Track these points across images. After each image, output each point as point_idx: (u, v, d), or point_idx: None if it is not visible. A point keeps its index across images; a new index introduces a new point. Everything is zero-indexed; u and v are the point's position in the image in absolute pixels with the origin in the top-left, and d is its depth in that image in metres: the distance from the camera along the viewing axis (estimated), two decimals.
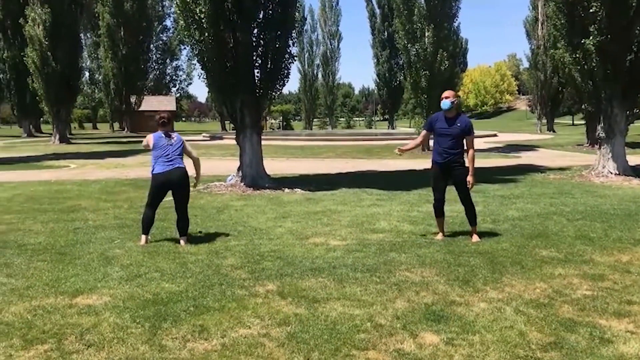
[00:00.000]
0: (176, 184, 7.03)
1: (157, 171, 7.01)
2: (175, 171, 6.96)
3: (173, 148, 7.01)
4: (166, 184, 7.02)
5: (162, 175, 6.97)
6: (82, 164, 20.07)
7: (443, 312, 4.60)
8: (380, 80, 55.69)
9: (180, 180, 7.03)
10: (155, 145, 7.02)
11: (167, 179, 6.96)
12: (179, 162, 7.01)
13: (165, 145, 7.01)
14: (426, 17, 21.62)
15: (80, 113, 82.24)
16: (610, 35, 13.09)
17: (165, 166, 6.96)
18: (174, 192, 7.12)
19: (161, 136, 7.07)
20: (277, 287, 5.25)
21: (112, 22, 49.88)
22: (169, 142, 7.03)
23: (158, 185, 7.05)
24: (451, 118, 7.09)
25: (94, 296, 5.03)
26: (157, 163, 7.00)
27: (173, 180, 6.98)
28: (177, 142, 7.08)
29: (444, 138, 7.06)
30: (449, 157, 7.06)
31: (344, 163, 20.02)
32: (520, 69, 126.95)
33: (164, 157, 6.97)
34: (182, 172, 7.03)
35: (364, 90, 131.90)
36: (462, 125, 7.07)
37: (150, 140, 7.09)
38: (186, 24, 11.44)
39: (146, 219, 7.11)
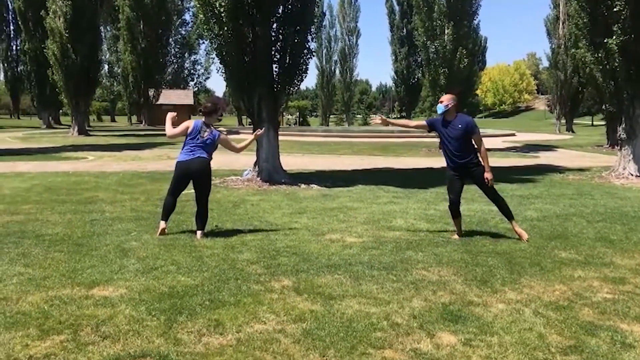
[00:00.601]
0: (195, 174, 7.04)
1: (179, 159, 7.08)
2: (195, 161, 6.96)
3: (202, 140, 7.00)
4: (186, 173, 7.05)
5: (183, 164, 7.01)
6: (100, 156, 20.21)
7: (461, 312, 4.54)
8: (398, 77, 55.64)
9: (200, 170, 7.01)
10: (190, 132, 7.04)
11: (187, 168, 7.00)
12: (200, 152, 6.99)
13: (196, 135, 7.01)
14: (446, 15, 21.48)
15: (99, 106, 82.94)
16: (634, 35, 12.89)
17: (187, 155, 6.99)
18: (194, 183, 7.16)
19: (200, 125, 7.07)
20: (293, 283, 5.22)
21: (132, 15, 50.12)
22: (202, 133, 7.02)
23: (179, 174, 7.10)
24: (451, 121, 7.01)
25: (110, 288, 5.04)
26: (182, 151, 7.06)
27: (192, 170, 7.00)
28: (209, 137, 7.04)
29: (449, 141, 7.00)
30: (462, 159, 6.97)
31: (360, 160, 19.95)
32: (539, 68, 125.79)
33: (189, 145, 7.02)
34: (202, 163, 6.99)
35: (381, 87, 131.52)
36: (464, 125, 6.96)
37: (190, 124, 7.10)
38: (205, 17, 11.45)
39: (166, 204, 7.17)
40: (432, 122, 7.32)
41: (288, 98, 13.26)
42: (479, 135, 7.09)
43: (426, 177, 14.53)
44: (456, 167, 7.03)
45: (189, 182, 7.20)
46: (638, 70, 13.26)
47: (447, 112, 7.04)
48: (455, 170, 7.07)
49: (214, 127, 7.25)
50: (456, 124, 6.97)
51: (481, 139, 7.11)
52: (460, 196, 7.26)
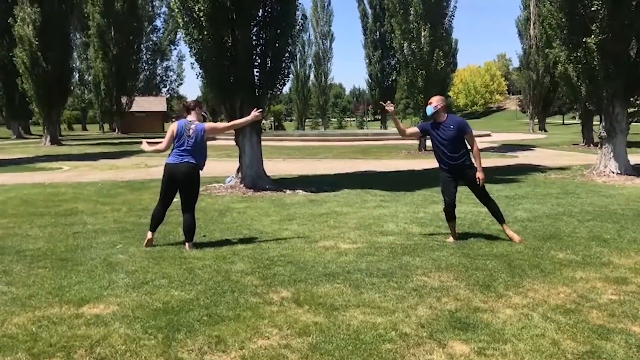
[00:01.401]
0: (181, 180, 6.71)
1: (167, 161, 6.77)
2: (181, 165, 6.65)
3: (189, 139, 6.68)
4: (172, 177, 6.73)
5: (172, 166, 6.70)
6: (75, 165, 19.74)
7: (469, 320, 4.41)
8: (372, 80, 55.57)
9: (186, 176, 6.69)
10: (176, 135, 6.73)
11: (173, 171, 6.69)
12: (190, 157, 6.67)
13: (182, 135, 6.70)
14: (422, 17, 21.47)
15: (70, 114, 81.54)
16: (612, 34, 12.99)
17: (176, 158, 6.69)
18: (180, 189, 6.82)
19: (184, 123, 6.78)
20: (292, 294, 5.03)
21: (103, 22, 49.40)
22: (188, 131, 6.71)
23: (166, 177, 6.78)
24: (442, 122, 6.91)
25: (100, 305, 4.79)
26: (171, 154, 6.76)
27: (178, 175, 6.68)
28: (195, 133, 6.70)
29: (441, 143, 6.89)
30: (453, 162, 6.88)
31: (341, 163, 19.83)
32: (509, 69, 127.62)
33: (178, 149, 6.71)
34: (189, 168, 6.68)
35: (354, 91, 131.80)
36: (456, 125, 6.89)
37: (174, 126, 6.81)
38: (184, 22, 11.21)
39: (155, 215, 6.90)
40: (422, 127, 7.23)
41: (270, 103, 13.04)
42: (472, 134, 7.02)
43: (410, 179, 14.46)
44: (450, 169, 6.93)
45: (177, 188, 6.84)
46: (617, 69, 13.37)
47: (436, 114, 6.94)
48: (449, 172, 6.96)
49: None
50: (448, 124, 6.88)
51: (474, 138, 7.03)
52: (455, 198, 7.14)
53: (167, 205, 6.94)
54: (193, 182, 6.84)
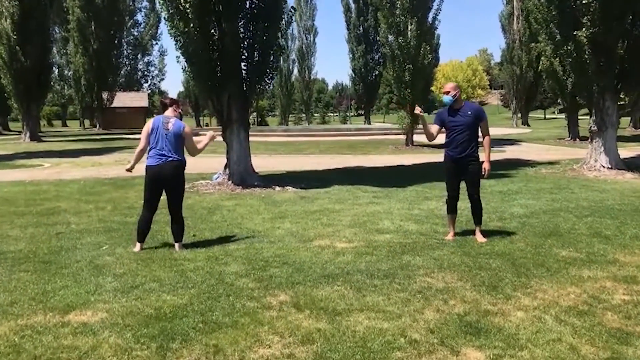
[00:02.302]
0: (168, 181, 6.36)
1: (148, 163, 6.35)
2: (166, 166, 6.28)
3: (168, 135, 6.30)
4: (158, 179, 6.34)
5: (154, 168, 6.30)
6: (57, 162, 19.26)
7: (480, 324, 4.19)
8: (356, 75, 55.26)
9: (172, 176, 6.34)
10: (151, 132, 6.35)
11: (158, 173, 6.29)
12: (171, 153, 6.30)
13: (159, 132, 6.32)
14: (409, 10, 21.24)
15: (49, 110, 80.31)
16: (603, 27, 12.87)
17: (157, 159, 6.29)
18: (166, 190, 6.47)
19: (161, 120, 6.39)
20: (291, 298, 4.78)
21: (83, 16, 48.53)
22: (166, 126, 6.33)
23: (150, 180, 6.38)
24: (459, 109, 6.73)
25: (88, 312, 4.50)
26: (150, 154, 6.35)
27: (164, 177, 6.32)
28: (174, 129, 6.34)
29: (457, 130, 6.67)
30: (466, 151, 6.67)
31: (329, 159, 19.57)
32: (491, 64, 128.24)
33: (156, 147, 6.31)
34: (174, 166, 6.32)
35: (337, 86, 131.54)
36: (474, 112, 6.73)
37: (149, 124, 6.42)
38: (170, 14, 10.85)
39: (142, 223, 6.49)
40: (439, 119, 6.90)
41: (258, 97, 12.73)
42: (487, 122, 6.85)
43: (400, 175, 14.27)
44: (457, 158, 6.73)
45: (163, 189, 6.50)
46: (608, 63, 13.26)
47: (455, 101, 6.73)
48: (455, 162, 6.76)
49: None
50: (465, 111, 6.71)
51: (488, 127, 6.86)
52: (459, 190, 6.94)
53: (154, 209, 6.55)
54: (180, 182, 6.52)
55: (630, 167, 13.90)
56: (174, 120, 6.42)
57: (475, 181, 6.82)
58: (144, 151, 6.48)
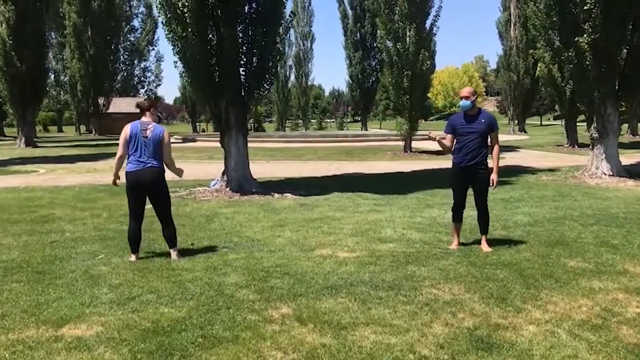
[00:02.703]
0: (148, 187, 6.15)
1: (127, 169, 6.14)
2: (145, 172, 6.07)
3: (147, 141, 6.10)
4: (138, 185, 6.12)
5: (133, 174, 6.09)
6: (52, 168, 19.04)
7: (491, 339, 4.02)
8: (353, 81, 55.22)
9: (152, 182, 6.12)
10: (130, 138, 6.14)
11: (138, 179, 6.08)
12: (150, 160, 6.10)
13: (137, 138, 6.11)
14: (408, 17, 21.14)
15: (45, 116, 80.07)
16: (605, 33, 12.77)
17: (136, 164, 6.08)
18: (150, 198, 6.27)
19: (138, 125, 6.17)
20: (294, 311, 4.60)
21: (79, 21, 48.35)
22: (145, 132, 6.12)
23: (130, 187, 6.18)
24: (473, 115, 6.59)
25: (82, 325, 4.32)
26: (129, 160, 6.15)
27: (143, 182, 6.10)
28: (153, 133, 6.14)
29: (469, 138, 6.52)
30: (475, 158, 6.52)
31: (327, 165, 19.40)
32: (487, 71, 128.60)
33: (134, 153, 6.11)
34: (154, 173, 6.10)
35: (334, 92, 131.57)
36: (487, 120, 6.59)
37: (126, 130, 6.19)
38: (167, 19, 10.69)
39: (131, 234, 6.29)
40: (451, 128, 6.72)
41: (257, 103, 12.57)
42: (497, 132, 6.72)
43: (400, 182, 14.12)
44: (466, 166, 6.57)
45: (145, 196, 6.28)
46: (609, 69, 13.15)
47: (471, 107, 6.60)
48: (463, 170, 6.61)
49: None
50: (480, 118, 6.58)
51: (498, 137, 6.75)
52: (466, 198, 6.79)
53: (141, 217, 6.33)
54: (161, 188, 6.28)
55: (631, 174, 13.78)
56: (153, 126, 6.22)
57: (484, 189, 6.66)
58: (123, 158, 6.28)
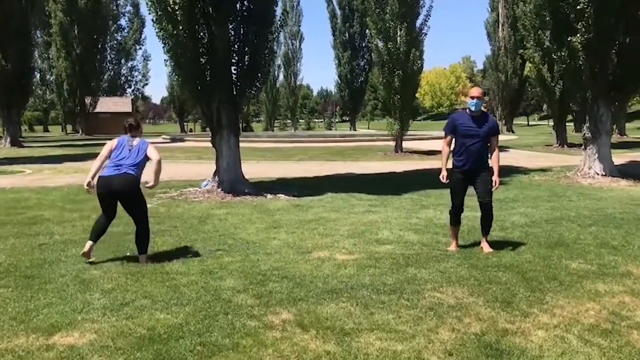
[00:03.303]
0: (118, 193, 6.04)
1: (100, 174, 6.06)
2: (118, 178, 5.97)
3: (130, 155, 6.09)
4: (107, 191, 6.03)
5: (103, 179, 6.00)
6: (38, 169, 18.72)
7: (500, 345, 3.90)
8: (342, 81, 55.18)
9: (123, 188, 6.00)
10: (116, 147, 6.15)
11: (107, 185, 5.99)
12: (128, 168, 6.02)
13: (123, 148, 6.14)
14: (398, 16, 21.05)
15: (31, 115, 79.22)
16: (597, 33, 12.74)
17: (111, 170, 6.01)
18: (122, 204, 6.18)
19: (124, 139, 6.22)
20: (294, 316, 4.45)
21: (65, 20, 47.79)
22: (129, 146, 6.13)
23: (99, 192, 6.08)
24: (478, 117, 6.44)
25: (75, 333, 4.14)
26: (107, 166, 6.08)
27: (113, 188, 5.99)
28: (136, 150, 6.12)
29: (471, 140, 6.38)
30: (478, 162, 6.41)
31: (318, 165, 19.24)
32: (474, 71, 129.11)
33: (115, 160, 6.07)
34: (126, 180, 5.99)
35: (322, 92, 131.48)
36: (491, 124, 6.49)
37: (113, 142, 6.20)
38: (158, 16, 10.49)
39: (98, 223, 6.24)
40: (451, 127, 6.56)
41: (249, 102, 12.38)
42: (498, 136, 6.62)
43: (393, 182, 14.01)
44: (468, 168, 6.44)
45: (116, 201, 6.17)
46: (602, 69, 13.12)
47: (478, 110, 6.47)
48: (464, 172, 6.48)
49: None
50: (483, 121, 6.44)
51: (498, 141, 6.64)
52: (464, 201, 6.66)
53: (111, 218, 6.29)
54: (135, 196, 6.14)
55: (623, 174, 13.77)
56: (138, 140, 6.25)
57: (488, 188, 6.49)
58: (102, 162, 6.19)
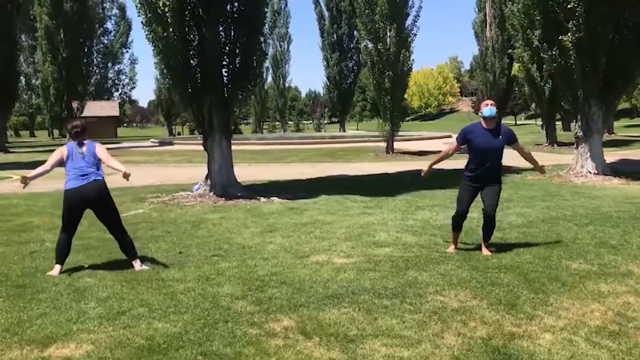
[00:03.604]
0: (93, 201, 5.95)
1: (68, 187, 5.92)
2: (90, 186, 5.87)
3: (86, 158, 5.95)
4: (81, 202, 5.93)
5: (75, 191, 5.87)
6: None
7: (508, 349, 3.83)
8: (330, 83, 55.03)
9: (97, 195, 5.92)
10: (68, 157, 5.98)
11: (80, 195, 5.87)
12: (95, 174, 5.93)
13: (77, 156, 5.96)
14: (388, 17, 21.02)
15: (16, 120, 78.46)
16: (588, 32, 12.75)
17: (79, 180, 5.88)
18: (96, 212, 6.09)
19: (74, 146, 6.04)
20: (296, 323, 4.35)
21: (51, 23, 47.20)
22: (81, 151, 5.98)
23: (71, 204, 5.95)
24: (493, 130, 6.25)
25: (71, 344, 4.01)
26: (70, 177, 5.94)
27: (89, 197, 5.90)
28: (89, 154, 5.99)
29: (487, 154, 6.22)
30: (490, 176, 6.31)
31: (310, 167, 19.15)
32: (461, 71, 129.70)
33: (76, 169, 5.91)
34: (98, 186, 5.91)
35: (310, 94, 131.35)
36: (507, 133, 6.31)
37: (64, 151, 6.02)
38: (147, 19, 10.35)
39: (60, 246, 6.02)
40: (462, 138, 6.37)
41: (240, 105, 12.27)
42: (518, 142, 6.47)
43: (387, 183, 13.97)
44: (481, 179, 6.32)
45: (82, 213, 6.09)
46: (594, 68, 13.13)
47: (493, 119, 6.26)
48: (476, 182, 6.37)
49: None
50: (498, 132, 6.26)
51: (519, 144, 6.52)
52: (469, 209, 6.58)
53: (73, 232, 6.14)
54: (109, 202, 6.08)
55: (615, 172, 13.80)
56: (86, 143, 6.08)
57: (495, 199, 6.37)
58: (46, 172, 6.10)
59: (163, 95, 66.27)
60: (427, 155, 23.89)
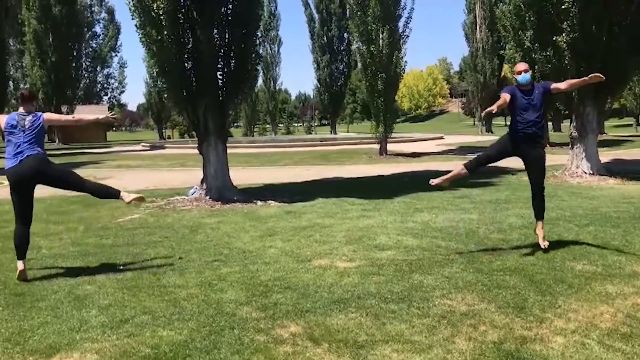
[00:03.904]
0: (35, 177, 5.69)
1: (7, 167, 5.65)
2: (25, 163, 5.60)
3: (25, 133, 5.63)
4: (22, 180, 5.67)
5: (13, 170, 5.62)
6: None
7: (520, 353, 3.78)
8: (321, 85, 54.92)
9: (36, 172, 5.65)
10: (5, 129, 5.66)
11: (19, 175, 5.62)
12: (30, 149, 5.61)
13: (15, 128, 5.65)
14: (380, 19, 21.00)
15: None
16: (583, 32, 12.78)
17: (15, 158, 5.61)
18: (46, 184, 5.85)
19: (14, 117, 5.70)
20: (304, 329, 4.28)
21: (40, 27, 46.99)
22: (23, 122, 5.65)
23: (14, 185, 5.71)
24: (529, 90, 6.38)
25: (75, 354, 3.93)
26: (7, 155, 5.67)
27: (28, 174, 5.63)
28: (33, 122, 5.67)
29: (528, 111, 6.31)
30: (533, 128, 6.33)
31: (305, 170, 19.06)
32: (451, 73, 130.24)
33: (11, 145, 5.65)
34: (37, 160, 5.63)
35: (300, 96, 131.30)
36: (542, 88, 6.41)
37: (1, 120, 5.72)
38: (141, 22, 10.26)
39: (18, 239, 5.83)
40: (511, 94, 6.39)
41: (236, 107, 12.18)
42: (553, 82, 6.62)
43: (383, 186, 13.91)
44: (524, 139, 6.36)
45: (32, 193, 5.83)
46: (588, 68, 13.13)
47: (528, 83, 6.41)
48: (518, 143, 6.41)
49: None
50: (534, 90, 6.39)
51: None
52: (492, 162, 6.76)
53: (29, 220, 5.90)
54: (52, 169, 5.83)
55: (610, 172, 13.83)
56: (31, 117, 5.75)
57: (542, 167, 6.51)
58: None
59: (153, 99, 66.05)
60: (420, 157, 23.90)
